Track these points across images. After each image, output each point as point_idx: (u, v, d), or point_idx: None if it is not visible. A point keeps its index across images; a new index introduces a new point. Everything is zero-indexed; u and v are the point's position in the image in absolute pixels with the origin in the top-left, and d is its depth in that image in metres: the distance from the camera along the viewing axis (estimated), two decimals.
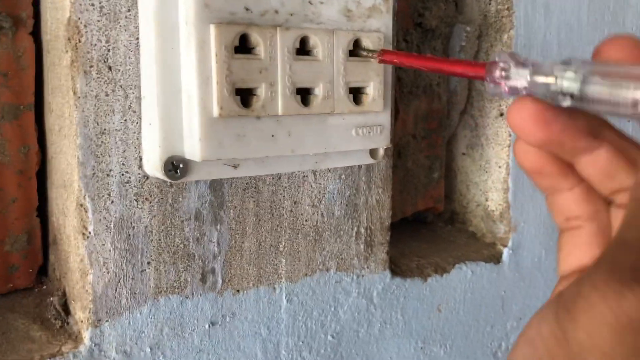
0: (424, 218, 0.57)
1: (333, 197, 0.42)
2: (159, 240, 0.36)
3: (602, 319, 0.18)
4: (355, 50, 0.36)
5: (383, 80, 0.37)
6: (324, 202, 0.42)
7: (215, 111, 0.31)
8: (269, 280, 0.40)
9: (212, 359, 0.39)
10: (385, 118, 0.38)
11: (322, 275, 0.42)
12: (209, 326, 0.38)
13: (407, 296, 0.47)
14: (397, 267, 0.47)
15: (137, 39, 0.34)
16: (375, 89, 0.37)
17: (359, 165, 0.43)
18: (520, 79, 0.25)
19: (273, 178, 0.39)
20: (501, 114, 0.52)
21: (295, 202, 0.40)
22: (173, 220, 0.36)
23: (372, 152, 0.40)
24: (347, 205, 0.43)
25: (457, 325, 0.50)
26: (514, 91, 0.26)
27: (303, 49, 0.34)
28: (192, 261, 0.37)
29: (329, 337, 0.43)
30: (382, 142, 0.39)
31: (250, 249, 0.39)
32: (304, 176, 0.41)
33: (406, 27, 0.48)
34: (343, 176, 0.42)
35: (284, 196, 0.40)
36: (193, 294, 0.37)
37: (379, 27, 0.37)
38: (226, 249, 0.38)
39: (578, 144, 0.24)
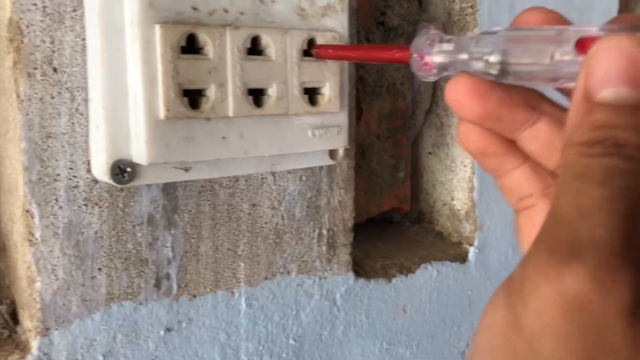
0: (391, 218, 0.56)
1: (293, 198, 0.41)
2: (110, 245, 0.35)
3: (548, 301, 0.18)
4: (310, 50, 0.36)
5: (339, 80, 0.37)
6: (284, 204, 0.41)
7: (162, 113, 0.31)
8: (227, 285, 0.39)
9: None
10: (342, 118, 0.38)
11: (283, 279, 0.42)
12: (165, 332, 0.37)
13: (371, 297, 0.47)
14: (361, 269, 0.47)
15: (84, 40, 0.33)
16: (331, 90, 0.36)
17: (320, 167, 0.42)
18: (444, 57, 0.25)
19: (230, 180, 0.38)
20: None
21: (253, 205, 0.40)
22: (124, 225, 0.35)
23: (332, 153, 0.40)
24: (308, 207, 0.42)
25: (423, 326, 0.50)
26: (440, 70, 0.26)
27: (255, 48, 0.34)
28: (146, 266, 0.36)
29: (291, 341, 0.43)
30: (340, 143, 0.38)
31: (207, 253, 0.38)
32: (263, 178, 0.40)
33: (368, 25, 0.48)
34: (304, 177, 0.42)
35: (241, 199, 0.39)
36: (147, 300, 0.36)
37: (334, 27, 0.36)
38: (181, 253, 0.37)
39: (516, 116, 0.24)
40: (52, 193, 0.33)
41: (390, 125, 0.51)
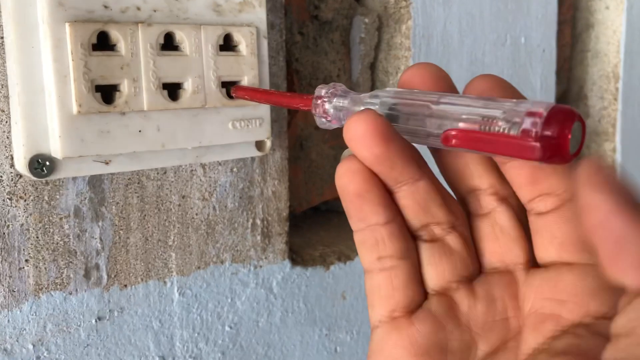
0: (338, 208, 0.57)
1: (225, 190, 0.43)
2: (37, 237, 0.36)
3: None
4: (228, 44, 0.37)
5: (258, 73, 0.38)
6: (215, 195, 0.42)
7: (75, 108, 0.32)
8: (159, 275, 0.41)
9: (101, 353, 0.39)
10: (264, 110, 0.39)
11: (217, 268, 0.43)
12: (96, 321, 0.39)
13: (309, 285, 0.48)
14: (298, 257, 0.48)
15: (2, 37, 0.34)
16: (249, 83, 0.37)
17: (251, 158, 0.43)
18: (340, 110, 0.28)
19: (158, 173, 0.40)
20: None
21: (183, 196, 0.41)
22: (51, 218, 0.36)
23: (259, 145, 0.41)
24: (240, 197, 0.43)
25: (363, 311, 0.51)
26: (337, 120, 0.28)
27: (170, 44, 0.35)
28: (74, 257, 0.37)
29: (227, 328, 0.44)
30: (262, 134, 0.39)
31: (136, 244, 0.39)
32: (192, 170, 0.41)
33: (302, 19, 0.49)
34: (235, 169, 0.43)
35: (170, 191, 0.40)
36: (77, 290, 0.38)
37: (252, 22, 0.38)
38: (110, 244, 0.38)
39: (406, 169, 0.24)
40: None
41: None
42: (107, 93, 0.33)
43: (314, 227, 0.54)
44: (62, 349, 0.38)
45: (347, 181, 0.24)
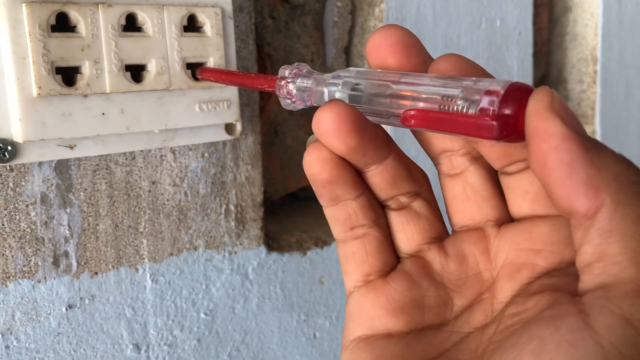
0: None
1: (196, 175, 0.42)
2: (3, 225, 0.35)
3: None
4: (192, 25, 0.36)
5: (224, 55, 0.37)
6: (186, 181, 0.42)
7: (34, 91, 0.31)
8: (130, 262, 0.40)
9: (72, 341, 0.39)
10: (231, 92, 0.39)
11: (190, 254, 0.43)
12: (67, 309, 0.38)
13: (285, 270, 0.48)
14: (275, 243, 0.48)
15: None
16: (215, 64, 0.37)
17: (223, 143, 0.43)
18: (304, 90, 0.27)
19: (127, 158, 0.39)
20: None
21: (153, 182, 0.40)
22: (17, 205, 0.36)
23: (229, 128, 0.41)
24: (213, 183, 0.43)
25: (342, 297, 0.51)
26: (301, 101, 0.28)
27: (132, 25, 0.34)
28: (42, 245, 0.37)
29: (202, 315, 0.44)
30: (231, 117, 0.39)
31: (106, 231, 0.39)
32: (162, 155, 0.41)
33: (272, 3, 0.48)
34: (206, 154, 0.43)
35: (140, 176, 0.40)
36: (46, 277, 0.37)
37: (216, 2, 0.37)
38: (78, 231, 0.38)
39: (378, 152, 0.24)
40: None
41: None
42: (68, 75, 0.32)
43: (291, 214, 0.54)
44: (32, 338, 0.37)
45: (317, 170, 0.24)
